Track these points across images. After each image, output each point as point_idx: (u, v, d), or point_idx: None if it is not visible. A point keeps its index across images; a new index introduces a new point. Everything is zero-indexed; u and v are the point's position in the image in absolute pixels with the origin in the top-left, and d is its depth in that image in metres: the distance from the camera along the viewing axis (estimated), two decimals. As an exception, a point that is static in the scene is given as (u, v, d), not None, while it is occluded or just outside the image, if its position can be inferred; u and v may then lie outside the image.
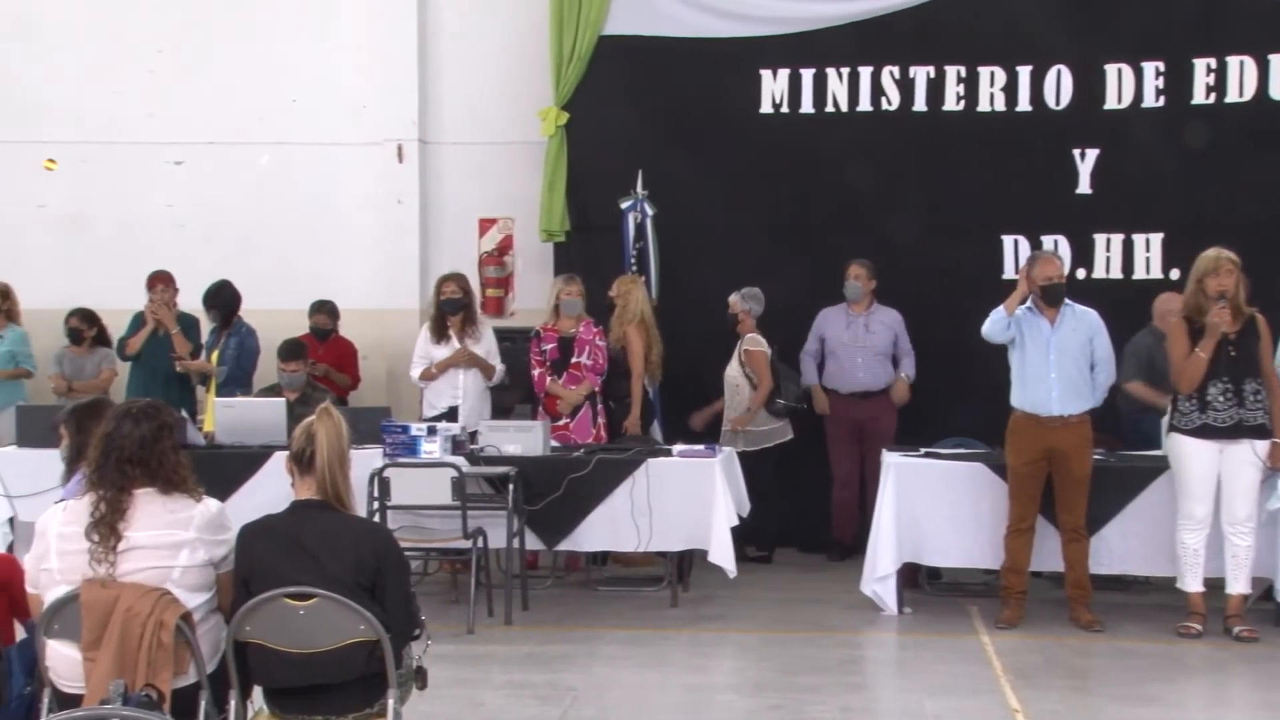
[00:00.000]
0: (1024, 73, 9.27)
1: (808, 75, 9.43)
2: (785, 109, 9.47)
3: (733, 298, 8.93)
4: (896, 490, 7.51)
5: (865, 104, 9.41)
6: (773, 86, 9.47)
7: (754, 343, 8.83)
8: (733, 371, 8.90)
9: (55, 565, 4.03)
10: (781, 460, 8.92)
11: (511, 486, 7.30)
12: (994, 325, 7.25)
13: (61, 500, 4.26)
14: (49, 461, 7.25)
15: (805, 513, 9.16)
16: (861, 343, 8.93)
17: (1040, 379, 7.19)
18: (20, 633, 5.02)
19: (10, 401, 9.30)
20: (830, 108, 9.44)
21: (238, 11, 10.40)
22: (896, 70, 9.38)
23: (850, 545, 8.80)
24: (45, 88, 10.43)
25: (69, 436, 4.89)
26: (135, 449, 4.05)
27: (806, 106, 9.46)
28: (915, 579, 7.96)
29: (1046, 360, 7.18)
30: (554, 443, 8.01)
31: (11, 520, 7.69)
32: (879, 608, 7.52)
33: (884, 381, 8.98)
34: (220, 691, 4.08)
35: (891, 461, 7.64)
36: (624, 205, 9.30)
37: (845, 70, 9.41)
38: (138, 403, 4.21)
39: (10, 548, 7.33)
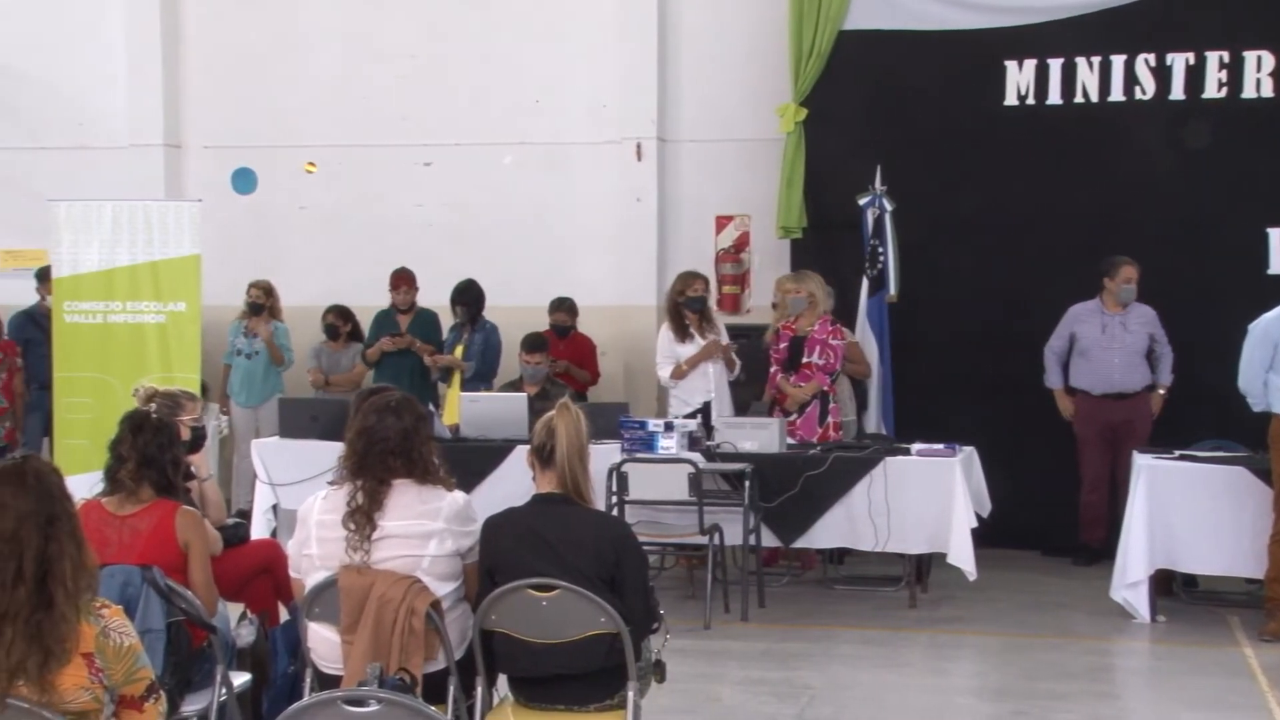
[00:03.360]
0: (1294, 55, 8.76)
1: (1055, 65, 9.10)
2: (1031, 100, 9.16)
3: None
4: (1148, 493, 7.22)
5: (1117, 94, 9.01)
6: (1018, 78, 9.18)
7: (850, 334, 8.73)
8: None
9: (315, 551, 4.21)
10: (1029, 461, 8.72)
11: (747, 483, 7.31)
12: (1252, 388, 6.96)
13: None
14: (308, 452, 7.71)
15: (1050, 515, 8.87)
16: (1119, 343, 8.53)
17: (1313, 380, 6.80)
18: (284, 615, 5.29)
19: (272, 394, 9.83)
20: (1079, 98, 9.08)
21: (483, 16, 10.69)
22: (1152, 58, 8.96)
23: (1098, 550, 8.49)
24: (306, 95, 10.93)
25: None
26: (398, 441, 4.20)
27: (1054, 98, 9.12)
28: (1169, 586, 7.63)
29: (1320, 361, 6.79)
30: (790, 440, 7.98)
31: (274, 507, 8.05)
32: (1129, 615, 7.25)
33: (1140, 383, 8.57)
34: (467, 678, 4.20)
35: (1143, 464, 7.34)
36: (862, 201, 9.17)
37: (1096, 59, 9.05)
38: (394, 396, 4.34)
39: (273, 534, 7.69)
